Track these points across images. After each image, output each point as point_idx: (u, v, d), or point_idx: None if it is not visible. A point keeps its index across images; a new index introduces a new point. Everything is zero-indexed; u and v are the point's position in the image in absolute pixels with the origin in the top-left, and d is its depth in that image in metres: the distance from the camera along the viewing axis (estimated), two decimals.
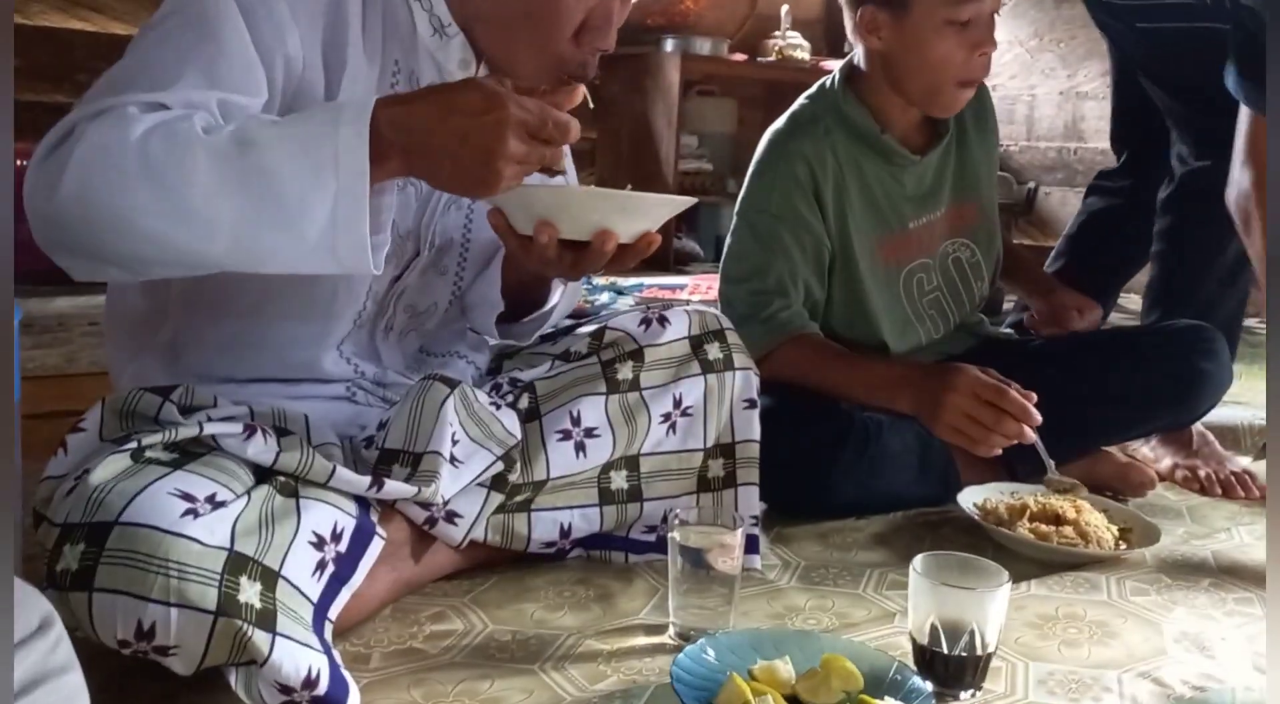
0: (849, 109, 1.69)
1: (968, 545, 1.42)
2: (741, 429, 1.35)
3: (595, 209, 1.06)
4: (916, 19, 1.58)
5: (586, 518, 1.30)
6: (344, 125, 0.92)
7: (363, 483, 1.06)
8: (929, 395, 1.51)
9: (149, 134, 0.92)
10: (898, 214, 1.74)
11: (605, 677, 1.06)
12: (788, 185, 1.66)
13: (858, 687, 0.98)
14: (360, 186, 0.92)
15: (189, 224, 0.92)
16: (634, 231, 1.08)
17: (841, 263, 1.70)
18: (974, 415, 1.44)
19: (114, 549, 0.86)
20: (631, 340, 1.33)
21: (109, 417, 1.04)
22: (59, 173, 0.92)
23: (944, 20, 1.57)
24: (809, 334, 1.63)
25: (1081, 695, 1.07)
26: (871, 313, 1.72)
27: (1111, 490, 1.68)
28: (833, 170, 1.68)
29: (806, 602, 1.28)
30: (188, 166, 0.91)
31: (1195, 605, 1.32)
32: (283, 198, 0.92)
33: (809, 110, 1.72)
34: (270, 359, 1.19)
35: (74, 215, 0.93)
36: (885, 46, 1.63)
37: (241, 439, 1.00)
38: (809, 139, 1.68)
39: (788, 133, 1.71)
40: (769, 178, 1.69)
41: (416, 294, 1.27)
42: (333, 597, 1.01)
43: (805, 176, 1.66)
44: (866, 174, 1.70)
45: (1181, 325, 1.78)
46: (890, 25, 1.61)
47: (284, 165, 0.92)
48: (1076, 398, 1.65)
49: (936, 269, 1.79)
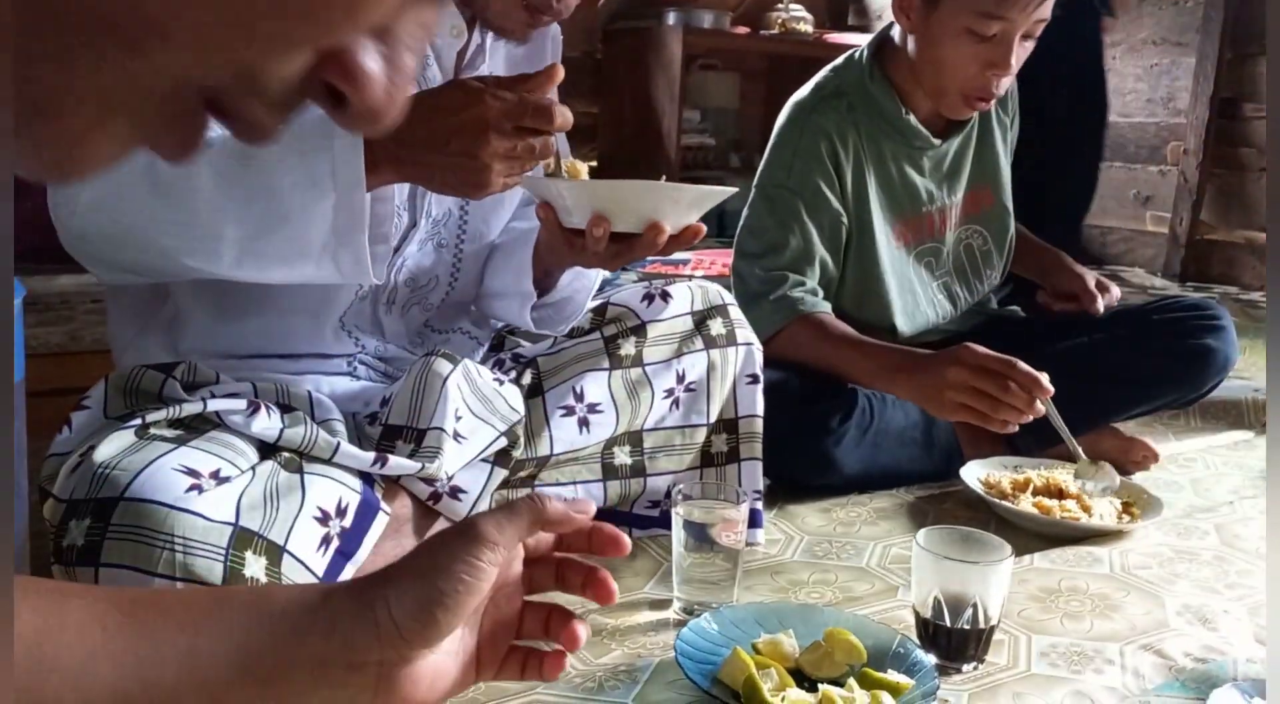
0: (874, 86, 1.67)
1: (970, 519, 1.43)
2: (744, 404, 1.35)
3: (648, 200, 1.06)
4: (943, 15, 1.56)
5: (590, 493, 1.30)
6: (338, 137, 0.94)
7: (367, 459, 1.06)
8: (929, 378, 1.45)
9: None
10: (913, 196, 1.73)
11: (610, 651, 1.07)
12: (807, 160, 1.64)
13: (861, 660, 0.99)
14: (358, 197, 0.95)
15: (197, 238, 0.96)
16: (682, 223, 1.09)
17: (856, 241, 1.70)
18: (979, 387, 1.39)
19: (119, 524, 0.87)
20: (634, 316, 1.33)
21: (113, 394, 1.04)
22: (76, 190, 0.96)
23: (966, 27, 1.54)
24: (817, 314, 1.62)
25: (1084, 668, 1.08)
26: (883, 293, 1.71)
27: (1115, 465, 1.68)
28: (854, 147, 1.66)
29: (810, 576, 1.29)
30: (194, 183, 0.94)
31: (1197, 578, 1.32)
32: (284, 210, 0.95)
33: (833, 83, 1.70)
34: (272, 334, 1.19)
35: (94, 229, 0.97)
36: (912, 28, 1.62)
37: (246, 415, 1.01)
38: (832, 113, 1.66)
39: (810, 106, 1.69)
40: (789, 151, 1.67)
41: (416, 266, 1.27)
42: (337, 572, 1.01)
43: (826, 151, 1.64)
44: (885, 153, 1.69)
45: (1186, 302, 1.78)
46: (920, 10, 1.59)
47: (284, 179, 0.95)
48: (1082, 375, 1.65)
49: (948, 254, 1.79)
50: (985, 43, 1.54)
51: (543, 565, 0.73)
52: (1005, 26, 1.53)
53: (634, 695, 0.99)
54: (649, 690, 1.00)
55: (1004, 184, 1.84)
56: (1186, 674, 1.07)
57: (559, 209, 1.09)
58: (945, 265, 1.79)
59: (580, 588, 0.72)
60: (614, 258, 1.11)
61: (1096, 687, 1.04)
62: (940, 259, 1.79)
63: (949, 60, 1.58)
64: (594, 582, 0.72)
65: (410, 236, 1.23)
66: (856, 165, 1.67)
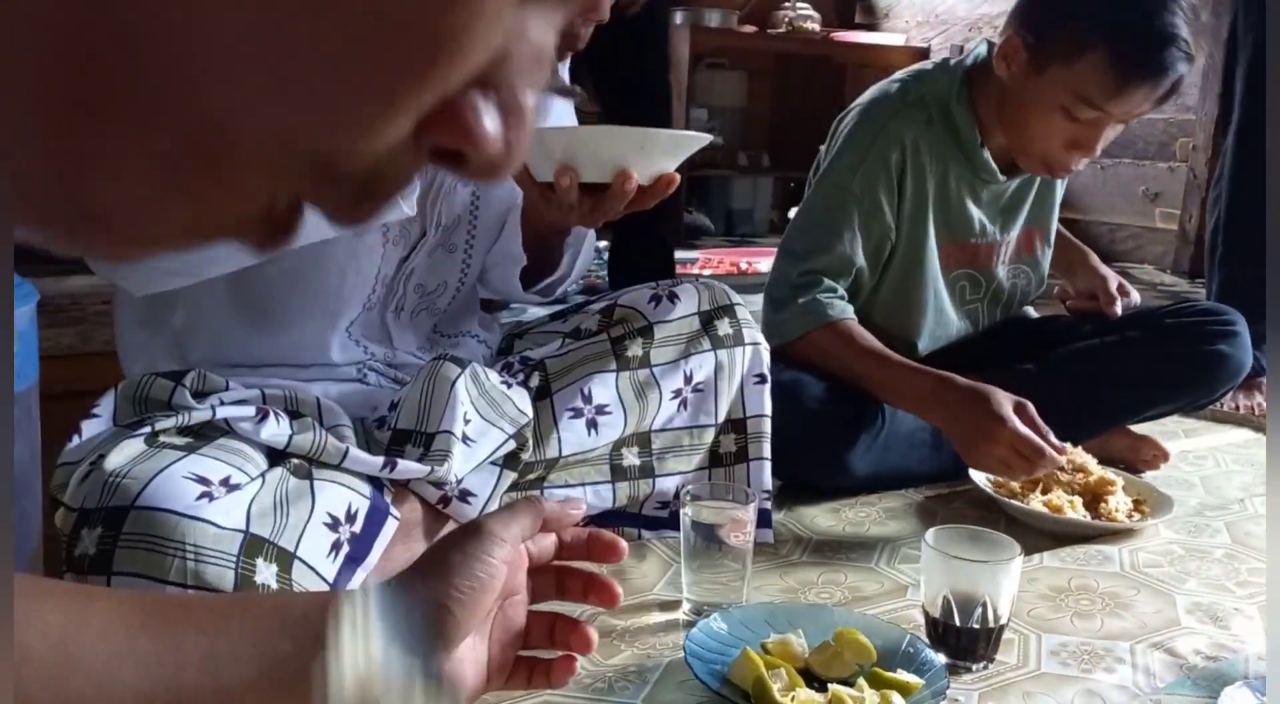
0: (957, 108, 1.62)
1: (980, 519, 1.43)
2: (752, 404, 1.35)
3: (613, 147, 1.05)
4: (1041, 84, 1.51)
5: (599, 495, 1.30)
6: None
7: (376, 463, 1.06)
8: (966, 433, 1.43)
9: None
10: (965, 225, 1.70)
11: (619, 652, 1.07)
12: (875, 167, 1.61)
13: (870, 660, 0.99)
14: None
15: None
16: (652, 172, 1.07)
17: (903, 255, 1.67)
18: (1009, 465, 1.40)
19: (131, 533, 0.87)
20: (641, 317, 1.33)
21: (122, 402, 1.04)
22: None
23: (1062, 104, 1.49)
24: (845, 322, 1.58)
25: (1094, 667, 1.07)
26: (916, 312, 1.70)
27: (1125, 464, 1.67)
28: (924, 161, 1.63)
29: (819, 576, 1.29)
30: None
31: (1208, 576, 1.32)
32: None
33: (918, 90, 1.65)
34: (279, 345, 1.19)
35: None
36: (1010, 79, 1.56)
37: (255, 422, 1.01)
38: (911, 125, 1.62)
39: (891, 111, 1.64)
40: (859, 154, 1.63)
41: (425, 274, 1.27)
42: (348, 577, 1.02)
43: (896, 162, 1.61)
44: (950, 177, 1.65)
45: (1200, 307, 1.76)
46: (1022, 67, 1.53)
47: None
48: (1095, 378, 1.65)
49: (986, 285, 1.77)
50: (1077, 123, 1.50)
51: (544, 575, 0.74)
52: (1097, 117, 1.49)
53: (643, 696, 0.99)
54: (658, 691, 1.00)
55: (1052, 228, 1.82)
56: (1198, 672, 1.07)
57: (529, 162, 1.07)
58: (980, 294, 1.77)
59: (582, 594, 0.73)
60: (591, 212, 1.09)
61: (1107, 685, 1.04)
62: (976, 286, 1.76)
63: (1036, 129, 1.54)
64: (596, 586, 0.73)
65: (420, 246, 1.23)
66: (920, 180, 1.63)
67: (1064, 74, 1.48)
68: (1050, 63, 1.50)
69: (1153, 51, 1.44)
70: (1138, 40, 1.45)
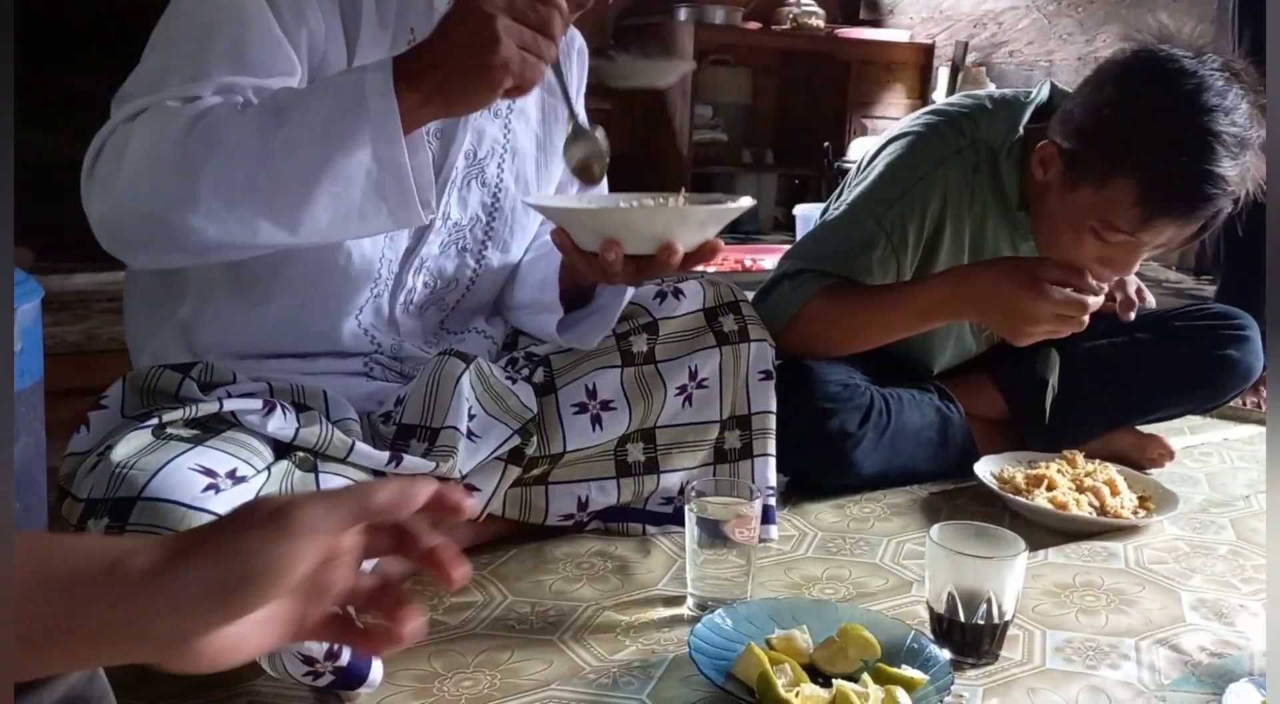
0: (1006, 165, 1.54)
1: (984, 515, 1.43)
2: (757, 400, 1.35)
3: (658, 224, 1.06)
4: (1075, 200, 1.42)
5: (604, 490, 1.30)
6: (368, 69, 0.95)
7: (381, 458, 1.07)
8: (1006, 319, 1.39)
9: (191, 125, 0.95)
10: None
11: (624, 647, 1.07)
12: (912, 208, 1.54)
13: (875, 655, 0.99)
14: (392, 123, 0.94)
15: (243, 206, 0.95)
16: (696, 241, 1.08)
17: None
18: (1059, 329, 1.37)
19: (137, 524, 0.87)
20: (646, 313, 1.33)
21: (130, 393, 1.05)
22: (112, 180, 0.96)
23: (1091, 225, 1.40)
24: (836, 284, 1.53)
25: (1099, 663, 1.07)
26: (932, 345, 1.68)
27: (1130, 462, 1.67)
28: (962, 208, 1.57)
29: (823, 571, 1.29)
30: (231, 147, 0.94)
31: (1213, 573, 1.32)
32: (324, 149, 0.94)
33: (972, 134, 1.56)
34: (286, 333, 1.19)
35: (134, 216, 0.97)
36: (1044, 182, 1.48)
37: (261, 415, 1.01)
38: (958, 170, 1.55)
39: (941, 155, 1.55)
40: (898, 190, 1.55)
41: (435, 268, 1.27)
42: None
43: (933, 206, 1.55)
44: (987, 224, 1.60)
45: (1211, 310, 1.74)
46: (1059, 178, 1.45)
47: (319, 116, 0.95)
48: (1104, 379, 1.64)
49: None
50: (1106, 244, 1.41)
51: (383, 532, 0.65)
52: (1128, 241, 1.40)
53: (648, 691, 0.99)
54: (663, 686, 1.00)
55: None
56: (1202, 669, 1.07)
57: (572, 234, 1.09)
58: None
59: (420, 560, 0.63)
60: (634, 274, 1.10)
61: (1112, 682, 1.04)
62: None
63: (1067, 242, 1.45)
64: (434, 559, 0.62)
65: (426, 237, 1.23)
66: (957, 228, 1.58)
67: (1093, 196, 1.39)
68: (1082, 181, 1.41)
69: (1185, 188, 1.34)
70: (1169, 175, 1.34)
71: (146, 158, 0.95)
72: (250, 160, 0.94)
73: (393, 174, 0.96)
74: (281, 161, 0.95)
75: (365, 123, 0.94)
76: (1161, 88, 1.36)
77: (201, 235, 0.96)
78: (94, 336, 2.11)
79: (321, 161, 0.95)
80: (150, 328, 1.21)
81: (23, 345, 0.86)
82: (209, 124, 0.95)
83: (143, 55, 1.05)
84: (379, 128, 0.94)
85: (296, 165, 0.95)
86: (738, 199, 1.11)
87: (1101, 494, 1.46)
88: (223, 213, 0.95)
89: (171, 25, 1.05)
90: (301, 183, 0.95)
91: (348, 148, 0.94)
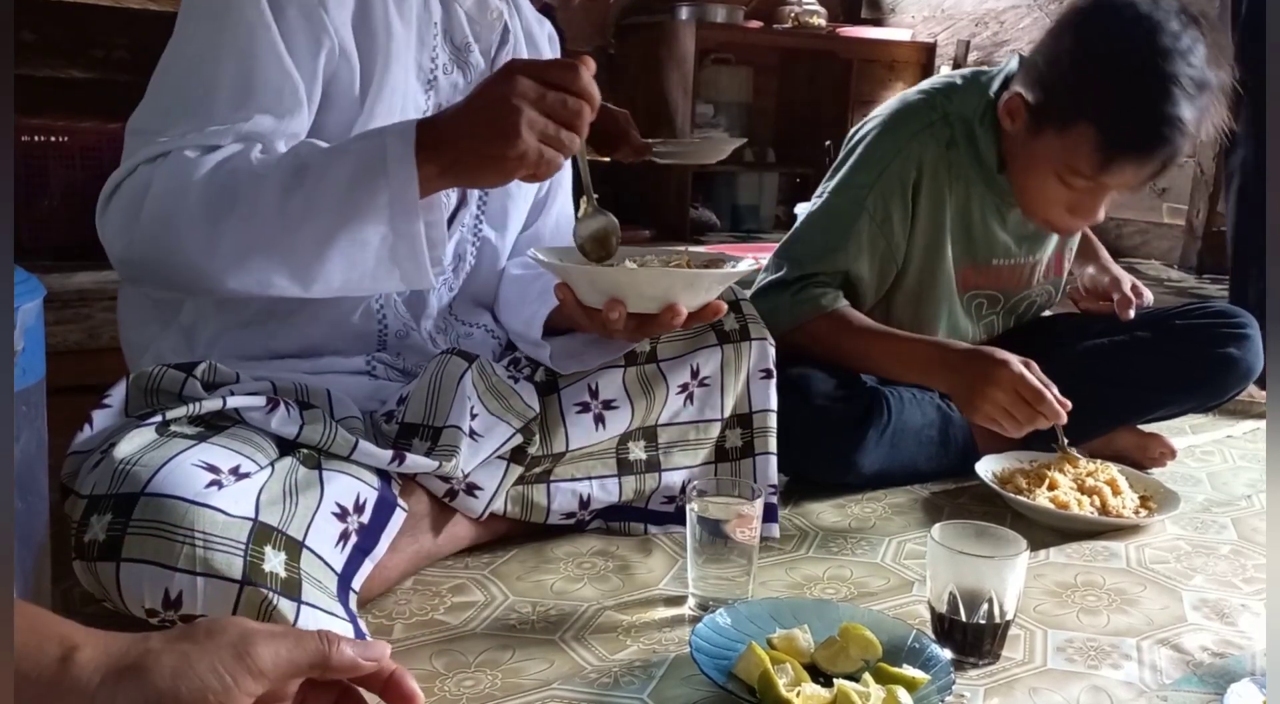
0: (981, 132, 1.58)
1: (986, 514, 1.43)
2: (758, 399, 1.35)
3: (663, 286, 1.08)
4: (1039, 148, 1.48)
5: (605, 489, 1.30)
6: (389, 135, 0.97)
7: (384, 457, 1.07)
8: (968, 383, 1.45)
9: (210, 178, 0.98)
10: (988, 247, 1.68)
11: (625, 647, 1.07)
12: (891, 185, 1.58)
13: (876, 655, 0.99)
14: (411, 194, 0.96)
15: (260, 261, 0.99)
16: (700, 303, 1.11)
17: (915, 277, 1.65)
18: (1010, 411, 1.41)
19: (140, 519, 0.88)
20: None
21: (134, 392, 1.05)
22: (131, 222, 1.00)
23: (1054, 170, 1.47)
24: (840, 308, 1.59)
25: (1100, 662, 1.07)
26: (928, 323, 1.68)
27: (1132, 461, 1.67)
28: (942, 183, 1.60)
29: (825, 571, 1.29)
30: (251, 204, 0.97)
31: (1215, 573, 1.32)
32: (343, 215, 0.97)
33: (944, 108, 1.60)
34: (290, 337, 1.19)
35: (151, 259, 1.02)
36: (1012, 132, 1.53)
37: (265, 412, 1.02)
38: (932, 144, 1.59)
39: (914, 130, 1.60)
40: (875, 170, 1.59)
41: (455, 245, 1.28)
42: (356, 567, 1.02)
43: (911, 180, 1.58)
44: (972, 199, 1.62)
45: (1212, 308, 1.74)
46: (1023, 126, 1.50)
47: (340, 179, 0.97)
48: (1104, 378, 1.64)
49: (1005, 302, 1.76)
50: (1072, 189, 1.48)
51: (324, 690, 0.67)
52: (1091, 186, 1.46)
53: (649, 691, 0.99)
54: (664, 686, 1.00)
55: (1076, 243, 1.80)
56: (1204, 669, 1.07)
57: (577, 291, 1.11)
58: (996, 309, 1.76)
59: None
60: (634, 331, 1.12)
61: (1113, 681, 1.04)
62: (994, 303, 1.75)
63: (1034, 190, 1.52)
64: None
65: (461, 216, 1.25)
66: (937, 202, 1.60)
67: (1056, 141, 1.45)
68: (1045, 127, 1.47)
69: (1142, 130, 1.40)
70: (1127, 117, 1.40)
71: (166, 209, 0.99)
72: (269, 220, 0.97)
73: (407, 244, 1.00)
74: (300, 223, 0.98)
75: (384, 189, 0.97)
76: (1117, 33, 1.42)
77: (217, 283, 1.00)
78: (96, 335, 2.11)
79: (339, 226, 0.98)
80: (149, 335, 1.21)
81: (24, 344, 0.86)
82: (229, 177, 0.98)
83: (151, 81, 1.07)
84: (398, 197, 0.97)
85: (314, 228, 0.98)
86: (740, 262, 1.13)
87: (1103, 494, 1.46)
88: (239, 266, 0.99)
89: (182, 54, 1.08)
90: (318, 242, 0.98)
91: (365, 215, 0.97)
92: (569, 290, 1.12)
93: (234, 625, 0.61)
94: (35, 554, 0.90)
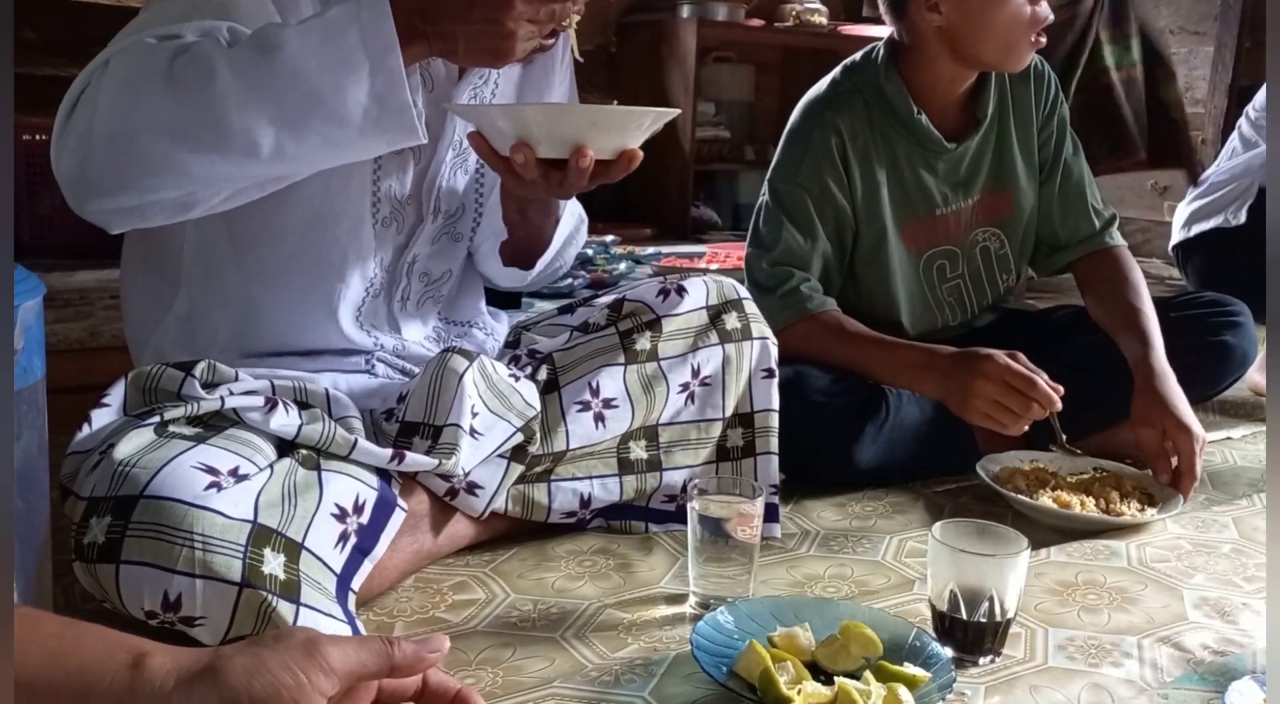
0: (888, 86, 1.66)
1: (986, 513, 1.43)
2: (760, 398, 1.35)
3: (567, 125, 1.05)
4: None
5: (606, 488, 1.30)
6: (364, 9, 0.94)
7: (384, 455, 1.07)
8: (957, 383, 1.47)
9: (172, 59, 0.92)
10: (926, 199, 1.71)
11: (626, 645, 1.07)
12: (819, 156, 1.64)
13: (877, 653, 0.99)
14: (393, 60, 0.94)
15: (228, 140, 0.93)
16: (611, 147, 1.07)
17: (866, 240, 1.69)
18: (1003, 402, 1.42)
19: (140, 522, 0.88)
20: (649, 311, 1.33)
21: (132, 392, 1.05)
22: (89, 120, 0.92)
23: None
24: (828, 311, 1.62)
25: (1101, 661, 1.07)
26: (892, 294, 1.71)
27: (1131, 458, 1.67)
28: (866, 146, 1.66)
29: (826, 569, 1.29)
30: (216, 83, 0.91)
31: (1216, 571, 1.32)
32: (317, 91, 0.93)
33: (848, 81, 1.70)
34: (284, 327, 1.19)
35: (111, 158, 0.92)
36: (946, 20, 1.60)
37: (263, 412, 1.02)
38: (845, 111, 1.66)
39: (824, 102, 1.69)
40: (800, 148, 1.67)
41: (430, 262, 1.27)
42: (355, 568, 1.02)
43: (837, 148, 1.64)
44: (899, 155, 1.68)
45: (1205, 298, 1.75)
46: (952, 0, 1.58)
47: (310, 61, 0.93)
48: (1096, 371, 1.64)
49: (962, 258, 1.77)
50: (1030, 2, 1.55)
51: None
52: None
53: (650, 689, 0.99)
54: (665, 684, 1.00)
55: (1023, 188, 1.79)
56: (1205, 667, 1.07)
57: (488, 136, 1.08)
58: (959, 269, 1.77)
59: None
60: (557, 186, 1.08)
61: (1114, 680, 1.04)
62: (955, 263, 1.77)
63: (1007, 14, 1.56)
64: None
65: (418, 234, 1.24)
66: (867, 164, 1.66)
67: None
68: None
69: None
70: None
71: (128, 85, 0.92)
72: (241, 91, 0.92)
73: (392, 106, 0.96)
74: (264, 105, 0.93)
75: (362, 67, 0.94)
76: None
77: (184, 167, 0.93)
78: (96, 334, 2.11)
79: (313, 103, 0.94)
80: (148, 327, 1.21)
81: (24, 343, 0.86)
82: (194, 56, 0.93)
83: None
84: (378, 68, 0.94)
85: (285, 107, 0.93)
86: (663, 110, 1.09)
87: (1104, 492, 1.46)
88: (208, 143, 0.93)
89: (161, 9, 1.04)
90: (285, 123, 0.94)
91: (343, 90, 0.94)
92: (483, 139, 1.08)
93: (301, 631, 0.64)
94: (36, 553, 0.90)
